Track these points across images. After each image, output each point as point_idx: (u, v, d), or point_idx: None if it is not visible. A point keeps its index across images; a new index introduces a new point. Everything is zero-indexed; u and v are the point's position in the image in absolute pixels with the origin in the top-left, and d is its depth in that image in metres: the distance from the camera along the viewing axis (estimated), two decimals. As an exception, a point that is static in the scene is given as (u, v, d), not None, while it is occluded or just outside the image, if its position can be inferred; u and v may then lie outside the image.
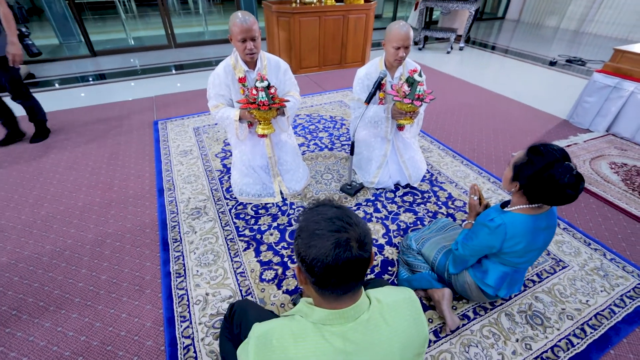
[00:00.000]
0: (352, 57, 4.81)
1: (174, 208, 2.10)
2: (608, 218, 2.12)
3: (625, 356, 1.39)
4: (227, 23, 1.87)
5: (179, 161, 2.59)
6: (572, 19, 7.89)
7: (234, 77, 1.92)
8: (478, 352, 1.37)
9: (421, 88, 1.84)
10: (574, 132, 3.17)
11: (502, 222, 1.24)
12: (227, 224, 1.99)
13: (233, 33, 1.74)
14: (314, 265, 0.66)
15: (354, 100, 2.17)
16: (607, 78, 3.03)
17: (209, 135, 2.97)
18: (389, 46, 1.94)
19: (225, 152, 2.71)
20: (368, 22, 4.60)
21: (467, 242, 1.37)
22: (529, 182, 1.16)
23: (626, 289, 1.66)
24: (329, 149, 2.80)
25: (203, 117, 3.30)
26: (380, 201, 2.20)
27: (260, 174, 2.16)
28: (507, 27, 8.35)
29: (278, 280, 1.65)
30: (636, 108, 2.90)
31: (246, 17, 1.71)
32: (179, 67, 4.92)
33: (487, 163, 2.65)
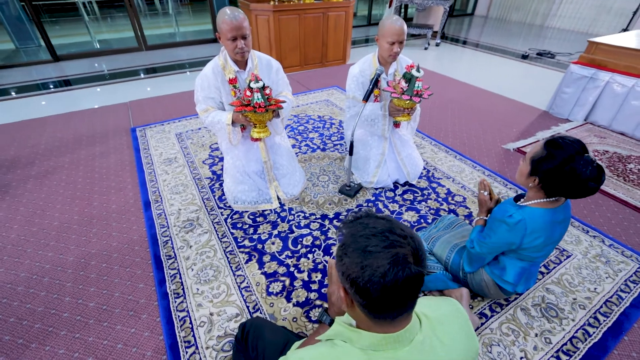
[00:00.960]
0: (333, 55, 4.75)
1: (163, 221, 1.95)
2: (600, 205, 2.17)
3: (638, 341, 1.41)
4: (199, 23, 1.74)
5: (164, 170, 2.41)
6: (537, 14, 8.24)
7: (224, 79, 1.80)
8: (500, 350, 1.34)
9: (419, 84, 1.80)
10: (555, 123, 3.27)
11: (521, 217, 1.21)
12: (225, 235, 1.86)
13: (222, 31, 1.62)
14: (369, 287, 0.58)
15: (348, 99, 2.10)
16: (583, 69, 3.15)
17: (194, 140, 2.80)
18: (383, 41, 1.88)
19: (213, 158, 2.56)
20: (347, 20, 4.56)
21: (485, 239, 1.33)
22: (549, 176, 1.13)
23: (628, 273, 1.69)
24: (321, 149, 2.71)
25: (185, 121, 3.12)
26: (381, 201, 2.15)
27: (256, 180, 2.04)
28: (477, 23, 8.60)
29: (287, 293, 1.55)
30: (611, 97, 3.02)
31: (236, 14, 1.60)
32: (151, 70, 4.66)
33: (479, 156, 2.67)
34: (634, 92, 2.87)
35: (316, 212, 2.04)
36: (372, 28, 7.59)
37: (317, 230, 1.91)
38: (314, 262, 1.71)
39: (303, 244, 1.82)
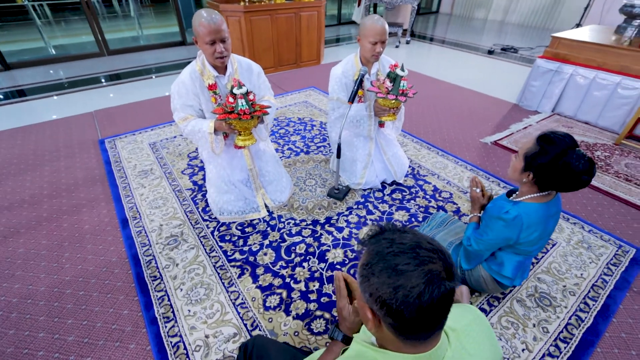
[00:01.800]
0: (307, 55, 4.70)
1: (144, 239, 1.82)
2: (575, 193, 2.28)
3: (625, 322, 1.47)
4: (163, 26, 1.64)
5: (140, 183, 2.26)
6: (498, 11, 8.62)
7: (203, 85, 1.70)
8: (503, 344, 1.36)
9: (404, 83, 1.79)
10: (525, 115, 3.41)
11: (517, 213, 1.23)
12: (213, 250, 1.76)
13: (199, 34, 1.53)
14: (403, 309, 0.54)
15: (332, 101, 2.06)
16: (548, 63, 3.30)
17: (170, 150, 2.65)
18: (365, 41, 1.86)
19: (192, 168, 2.44)
20: (320, 20, 4.53)
21: (482, 236, 1.34)
22: (543, 171, 1.15)
23: (609, 257, 1.78)
24: (305, 152, 2.66)
25: (158, 130, 2.95)
26: (370, 202, 2.13)
27: (242, 189, 1.96)
28: (442, 20, 8.86)
29: (285, 306, 1.49)
30: (576, 89, 3.20)
31: (213, 16, 1.51)
32: (115, 76, 4.39)
33: (460, 151, 2.72)
34: (595, 83, 3.05)
35: (307, 218, 1.98)
36: (343, 27, 7.62)
37: (310, 236, 1.86)
38: (309, 270, 1.66)
39: (296, 252, 1.76)
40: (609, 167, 2.56)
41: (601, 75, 2.99)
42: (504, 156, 2.67)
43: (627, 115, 2.94)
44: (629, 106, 2.90)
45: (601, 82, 3.01)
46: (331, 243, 1.82)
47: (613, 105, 3.00)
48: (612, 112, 3.02)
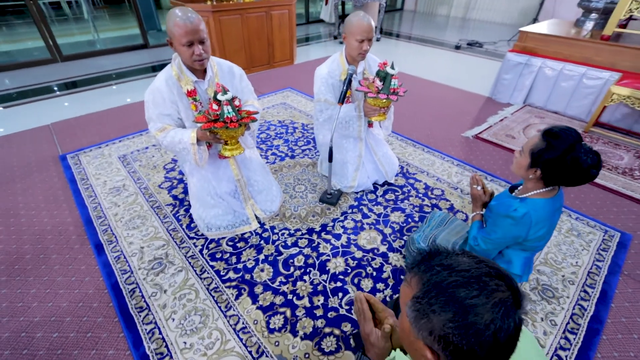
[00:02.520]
0: (280, 55, 4.57)
1: (124, 266, 1.64)
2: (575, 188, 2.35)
3: (622, 306, 1.52)
4: (122, 28, 1.48)
5: (112, 202, 2.05)
6: (459, 8, 8.92)
7: (181, 91, 1.55)
8: (516, 343, 1.34)
9: (395, 81, 1.74)
10: (499, 107, 3.51)
11: (526, 210, 1.21)
12: (204, 270, 1.62)
13: (174, 35, 1.38)
14: (476, 349, 0.47)
15: (319, 102, 1.97)
16: (518, 56, 3.42)
17: (142, 162, 2.44)
18: (352, 39, 1.79)
19: (170, 181, 2.25)
20: (291, 18, 4.41)
21: (489, 235, 1.32)
22: (551, 166, 1.14)
23: (598, 243, 1.84)
24: (290, 157, 2.55)
25: (127, 141, 2.71)
26: (364, 205, 2.07)
27: (230, 201, 1.82)
28: (407, 17, 9.03)
29: (291, 326, 1.38)
30: (545, 80, 3.33)
31: (189, 15, 1.37)
32: (72, 84, 4.03)
33: (444, 147, 2.74)
34: (563, 74, 3.19)
35: (301, 227, 1.88)
36: (312, 26, 7.53)
37: (307, 247, 1.76)
38: (312, 284, 1.56)
39: (295, 265, 1.66)
40: (583, 154, 2.68)
41: (568, 67, 3.13)
42: (487, 149, 2.71)
43: (592, 104, 3.09)
44: (593, 95, 3.06)
45: (568, 73, 3.15)
46: (330, 252, 1.73)
47: (579, 94, 3.15)
48: (579, 101, 3.17)
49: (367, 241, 1.81)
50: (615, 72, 2.90)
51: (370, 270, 1.64)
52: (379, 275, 1.62)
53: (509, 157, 2.61)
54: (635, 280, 1.63)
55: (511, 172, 2.42)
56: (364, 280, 1.59)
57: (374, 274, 1.62)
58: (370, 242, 1.80)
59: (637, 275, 1.66)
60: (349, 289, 1.54)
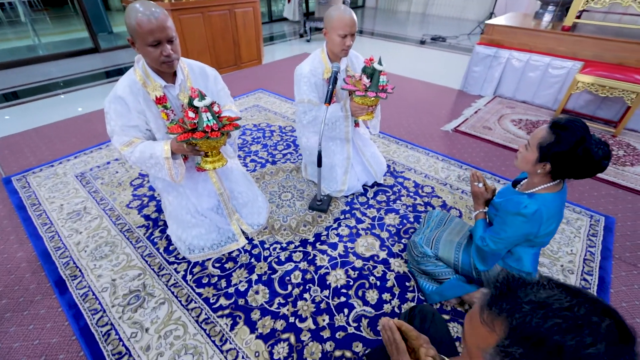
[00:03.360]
0: (247, 55, 4.35)
1: (94, 304, 1.41)
2: (538, 169, 2.40)
3: (620, 290, 1.54)
4: (67, 32, 1.29)
5: (73, 229, 1.78)
6: (419, 4, 9.13)
7: (147, 98, 1.35)
8: (531, 342, 1.30)
9: (383, 78, 1.65)
10: (472, 99, 3.57)
11: (537, 206, 1.16)
12: (190, 299, 1.43)
13: (138, 34, 1.18)
14: None
15: (302, 103, 1.84)
16: (486, 49, 3.49)
17: (105, 180, 2.17)
18: (334, 35, 1.67)
19: (140, 199, 2.01)
20: (256, 16, 4.22)
21: (499, 235, 1.26)
22: (562, 160, 1.09)
23: (586, 229, 1.87)
24: (271, 162, 2.39)
25: (84, 156, 2.41)
26: (356, 209, 1.96)
27: (213, 218, 1.64)
28: (369, 14, 9.10)
29: (297, 354, 1.25)
30: (513, 72, 3.42)
31: (153, 10, 1.18)
32: (12, 95, 3.56)
33: (426, 142, 2.71)
34: (529, 65, 3.29)
35: (294, 239, 1.75)
36: (275, 25, 7.33)
37: (303, 261, 1.63)
38: (314, 302, 1.43)
39: (293, 282, 1.52)
40: (556, 141, 2.77)
41: (534, 58, 3.24)
42: (467, 142, 2.72)
43: (558, 92, 3.22)
44: (559, 84, 3.19)
45: (534, 63, 3.25)
46: (328, 264, 1.61)
47: (546, 84, 3.27)
48: (546, 90, 3.29)
49: (366, 248, 1.70)
50: (577, 61, 3.03)
51: (373, 280, 1.54)
52: (383, 284, 1.52)
53: (489, 149, 2.64)
54: (626, 263, 1.67)
55: (496, 165, 2.43)
56: (368, 292, 1.49)
57: (378, 284, 1.52)
58: (368, 249, 1.70)
59: (627, 258, 1.71)
60: (354, 304, 1.43)
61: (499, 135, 2.85)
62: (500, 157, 2.52)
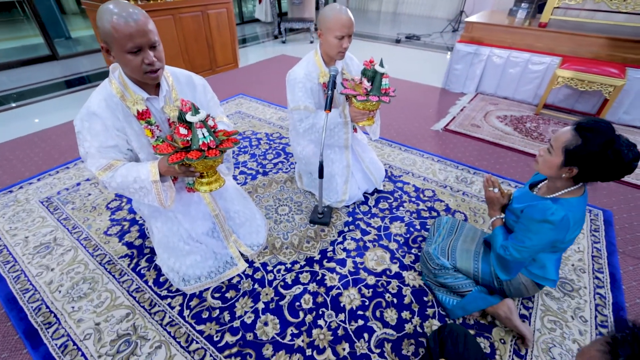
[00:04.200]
0: (223, 59, 4.14)
1: (76, 356, 1.20)
2: (527, 165, 2.41)
3: (631, 285, 1.54)
4: (15, 38, 1.12)
5: (43, 265, 1.55)
6: (389, 3, 9.20)
7: (127, 113, 1.17)
8: (560, 351, 1.26)
9: (386, 80, 1.55)
10: (456, 97, 3.57)
11: (564, 213, 1.11)
12: (191, 339, 1.26)
13: (115, 39, 1.00)
14: None
15: (298, 110, 1.71)
16: (467, 46, 3.50)
17: (76, 204, 1.92)
18: (330, 36, 1.56)
19: (119, 224, 1.79)
20: (230, 18, 4.01)
21: (523, 243, 1.19)
22: (590, 163, 1.04)
23: (588, 224, 1.87)
24: (262, 173, 2.24)
25: (50, 178, 2.14)
26: (359, 219, 1.86)
27: (208, 243, 1.47)
28: (342, 14, 9.05)
29: (320, 392, 1.12)
30: (493, 68, 3.46)
31: (130, 11, 1.01)
32: (-45, 111, 3.15)
33: (418, 143, 2.66)
34: (510, 62, 3.34)
35: (298, 258, 1.61)
36: (247, 26, 7.10)
37: (311, 282, 1.50)
38: (330, 329, 1.31)
39: (304, 308, 1.38)
40: (542, 136, 2.81)
41: (514, 54, 3.28)
42: (459, 141, 2.70)
43: (538, 87, 3.29)
44: (538, 79, 3.25)
45: (514, 60, 3.30)
46: (339, 283, 1.49)
47: (526, 79, 3.33)
48: (526, 86, 3.35)
49: (376, 262, 1.60)
50: (555, 57, 3.10)
51: (389, 297, 1.44)
52: (401, 301, 1.42)
53: (481, 146, 2.62)
54: (631, 257, 1.68)
55: (490, 163, 2.42)
56: (386, 311, 1.38)
57: (395, 301, 1.42)
58: (379, 263, 1.60)
59: (631, 252, 1.72)
60: (373, 326, 1.32)
61: (487, 132, 2.85)
62: (493, 155, 2.51)
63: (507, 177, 2.25)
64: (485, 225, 1.85)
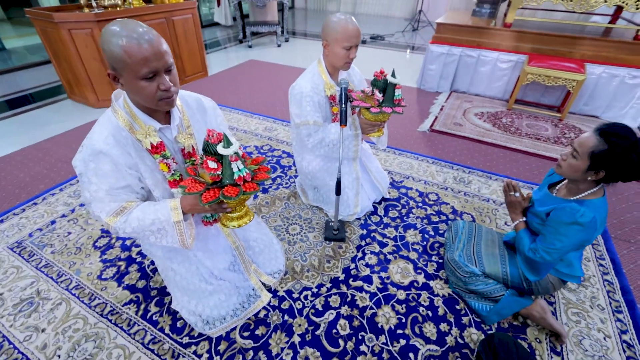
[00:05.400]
0: (191, 68, 3.90)
1: None
2: (514, 160, 2.53)
3: (630, 268, 1.66)
4: None
5: (30, 327, 1.32)
6: (347, 3, 9.30)
7: (139, 148, 1.02)
8: (590, 342, 1.32)
9: (399, 91, 1.53)
10: (432, 96, 3.68)
11: (593, 214, 1.15)
12: (229, 390, 1.14)
13: (127, 66, 0.87)
14: None
15: (307, 125, 1.63)
16: (439, 47, 3.62)
17: (56, 246, 1.68)
18: (337, 47, 1.51)
19: (114, 265, 1.59)
20: (196, 24, 3.78)
21: (554, 245, 1.23)
22: (617, 166, 1.09)
23: (580, 213, 2.00)
24: (262, 191, 2.12)
25: (15, 218, 1.84)
26: (373, 231, 1.83)
27: (230, 278, 1.35)
28: (301, 15, 9.01)
29: None
30: (466, 67, 3.62)
31: (141, 30, 0.88)
32: None
33: (409, 145, 2.69)
34: (480, 60, 3.51)
35: (322, 280, 1.54)
36: (206, 31, 6.77)
37: (343, 304, 1.43)
38: (374, 354, 1.26)
39: (341, 335, 1.32)
40: (519, 130, 2.98)
41: (484, 53, 3.45)
42: (446, 141, 2.77)
43: (507, 83, 3.49)
44: (507, 76, 3.45)
45: (484, 58, 3.47)
46: (371, 302, 1.45)
47: (495, 77, 3.52)
48: (496, 82, 3.54)
49: (401, 275, 1.58)
50: (521, 55, 3.30)
51: (423, 310, 1.42)
52: (435, 313, 1.41)
53: (467, 145, 2.72)
54: (622, 240, 1.82)
55: (481, 161, 2.51)
56: (424, 326, 1.36)
57: (430, 314, 1.41)
58: (404, 276, 1.58)
59: (620, 235, 1.87)
60: (416, 344, 1.30)
61: (470, 130, 2.96)
62: (480, 153, 2.61)
63: (501, 173, 2.34)
64: (493, 224, 1.91)
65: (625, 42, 2.97)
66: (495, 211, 2.00)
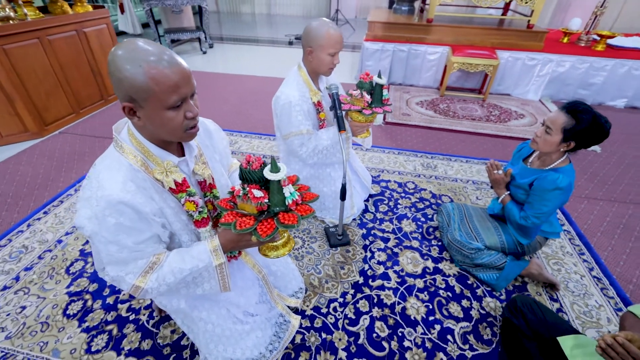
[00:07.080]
0: (114, 85, 3.40)
1: None
2: (462, 140, 2.85)
3: (574, 214, 2.03)
4: None
5: None
6: (261, 4, 9.16)
7: (160, 189, 0.88)
8: (574, 284, 1.58)
9: (386, 91, 1.58)
10: (374, 91, 3.88)
11: (569, 179, 1.38)
12: None
13: (154, 95, 0.73)
14: None
15: (300, 135, 1.58)
16: (373, 44, 3.83)
17: (9, 328, 1.32)
18: (323, 53, 1.49)
19: (101, 330, 1.33)
20: (112, 34, 3.31)
21: (541, 210, 1.43)
22: (584, 137, 1.32)
23: (527, 178, 2.36)
24: (246, 210, 1.98)
25: None
26: (371, 228, 1.87)
27: (261, 311, 1.25)
28: (214, 18, 8.58)
29: (453, 411, 1.12)
30: (399, 61, 3.90)
31: (162, 53, 0.74)
32: None
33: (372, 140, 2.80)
34: (411, 54, 3.82)
35: (345, 288, 1.53)
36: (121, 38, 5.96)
37: (373, 307, 1.45)
38: (418, 346, 1.30)
39: (382, 337, 1.33)
40: (456, 113, 3.35)
41: (413, 47, 3.77)
42: (401, 131, 2.97)
43: (435, 73, 3.88)
44: (435, 67, 3.84)
45: (414, 52, 3.79)
46: (396, 297, 1.49)
47: (425, 68, 3.87)
48: (426, 73, 3.91)
49: (413, 264, 1.66)
50: (445, 47, 3.70)
51: (443, 293, 1.52)
52: (454, 292, 1.52)
53: (421, 133, 2.95)
54: (563, 196, 2.20)
55: (437, 145, 2.75)
56: (449, 307, 1.46)
57: (450, 295, 1.51)
58: (415, 265, 1.66)
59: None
60: (449, 326, 1.38)
61: (418, 118, 3.22)
62: (434, 138, 2.87)
63: (458, 154, 2.61)
64: (468, 201, 2.12)
65: (522, 31, 3.56)
66: (465, 189, 2.23)
